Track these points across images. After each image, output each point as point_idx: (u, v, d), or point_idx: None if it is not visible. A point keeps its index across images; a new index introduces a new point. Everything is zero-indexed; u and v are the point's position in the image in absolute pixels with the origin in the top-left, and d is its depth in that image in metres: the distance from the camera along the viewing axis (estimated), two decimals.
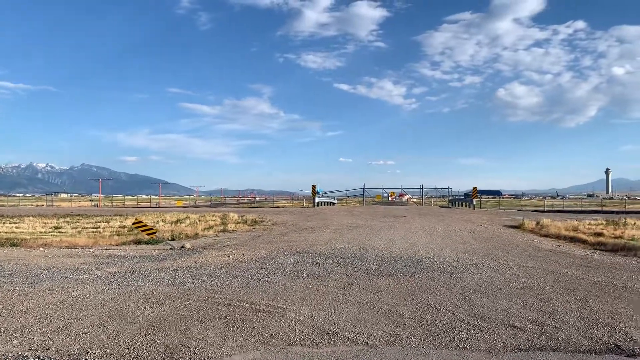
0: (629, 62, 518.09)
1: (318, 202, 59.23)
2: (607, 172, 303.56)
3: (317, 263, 12.28)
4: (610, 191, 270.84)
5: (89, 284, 9.50)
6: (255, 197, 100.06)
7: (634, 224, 24.66)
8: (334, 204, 68.06)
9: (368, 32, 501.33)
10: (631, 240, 17.31)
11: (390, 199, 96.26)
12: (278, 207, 59.66)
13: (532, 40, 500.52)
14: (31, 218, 30.23)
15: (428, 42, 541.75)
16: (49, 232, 21.25)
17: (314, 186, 59.11)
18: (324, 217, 32.70)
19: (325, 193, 73.41)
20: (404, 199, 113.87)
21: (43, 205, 68.86)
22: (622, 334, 6.45)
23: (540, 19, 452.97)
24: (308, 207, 56.94)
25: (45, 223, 26.50)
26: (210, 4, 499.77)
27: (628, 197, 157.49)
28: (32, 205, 68.90)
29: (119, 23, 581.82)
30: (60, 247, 15.88)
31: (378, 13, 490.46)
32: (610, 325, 6.83)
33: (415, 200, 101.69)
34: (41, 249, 15.54)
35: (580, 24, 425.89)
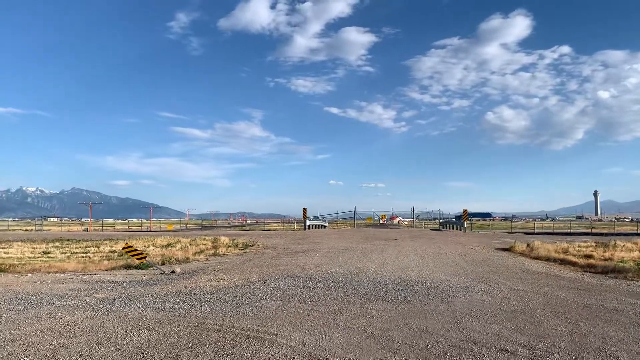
0: (614, 86, 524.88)
1: (309, 225, 58.99)
2: (595, 194, 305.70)
3: (308, 287, 12.23)
4: (599, 213, 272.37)
5: (77, 310, 9.40)
6: (246, 220, 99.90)
7: (623, 245, 24.78)
8: (325, 226, 67.80)
9: (357, 57, 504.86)
10: (620, 262, 17.40)
11: (381, 221, 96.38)
12: (269, 230, 59.40)
13: (519, 64, 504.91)
14: (20, 243, 29.89)
15: (417, 66, 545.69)
16: (38, 257, 21.02)
17: (304, 209, 59.06)
18: (315, 240, 32.58)
19: (321, 216, 73.52)
20: (395, 221, 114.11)
21: (32, 229, 68.09)
22: (613, 358, 6.46)
23: (526, 44, 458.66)
24: (299, 230, 56.70)
25: (34, 248, 26.21)
26: (201, 30, 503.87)
27: (617, 219, 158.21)
28: (21, 229, 68.11)
29: (109, 48, 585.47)
30: (49, 273, 15.70)
31: (367, 38, 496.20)
32: (601, 349, 6.84)
33: (406, 222, 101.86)
34: (29, 274, 15.35)
35: (565, 49, 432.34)
